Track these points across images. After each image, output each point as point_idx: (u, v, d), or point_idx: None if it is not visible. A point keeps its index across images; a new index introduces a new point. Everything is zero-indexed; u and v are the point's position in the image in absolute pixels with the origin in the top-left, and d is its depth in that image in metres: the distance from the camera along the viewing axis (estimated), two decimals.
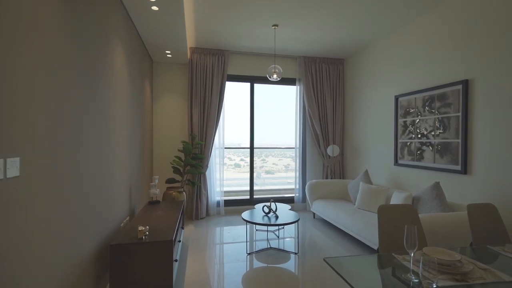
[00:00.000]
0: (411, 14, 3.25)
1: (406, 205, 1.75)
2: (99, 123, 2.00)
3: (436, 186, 2.73)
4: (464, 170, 2.75)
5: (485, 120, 2.59)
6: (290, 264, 2.78)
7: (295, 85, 4.99)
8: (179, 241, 2.69)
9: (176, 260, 2.28)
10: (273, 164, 6.27)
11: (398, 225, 1.68)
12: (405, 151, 3.54)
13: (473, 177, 2.69)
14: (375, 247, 2.81)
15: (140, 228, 2.03)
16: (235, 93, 4.98)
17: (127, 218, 2.79)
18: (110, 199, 2.26)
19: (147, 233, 2.10)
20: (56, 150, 1.39)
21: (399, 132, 3.65)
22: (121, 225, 2.57)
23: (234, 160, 6.08)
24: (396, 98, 3.69)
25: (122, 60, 2.61)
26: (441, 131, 3.02)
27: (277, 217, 3.15)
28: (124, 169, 2.70)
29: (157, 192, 3.21)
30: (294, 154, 5.72)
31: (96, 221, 1.94)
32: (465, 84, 2.74)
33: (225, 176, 4.71)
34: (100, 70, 2.00)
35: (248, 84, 4.90)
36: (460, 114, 2.81)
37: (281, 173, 6.23)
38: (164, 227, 2.31)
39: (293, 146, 5.10)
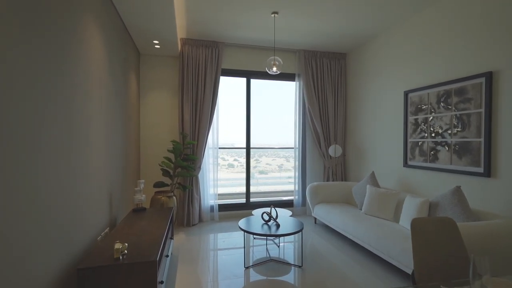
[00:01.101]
0: (422, 2, 2.95)
1: (444, 218, 1.43)
2: (71, 123, 1.63)
3: (457, 191, 2.43)
4: (488, 173, 2.46)
5: None
6: (293, 278, 2.45)
7: (294, 80, 4.66)
8: (167, 256, 2.33)
9: (162, 282, 1.93)
10: (267, 164, 5.96)
11: (437, 243, 1.36)
12: (416, 152, 3.24)
13: (498, 181, 2.41)
14: (391, 261, 2.49)
15: (117, 246, 1.66)
16: (230, 89, 4.63)
17: (107, 229, 2.42)
18: (82, 208, 1.88)
19: (126, 251, 1.73)
20: (5, 151, 1.02)
21: (409, 130, 3.36)
22: (98, 238, 2.19)
23: (228, 160, 5.75)
24: (406, 94, 3.39)
25: (99, 47, 2.23)
26: (459, 129, 2.73)
27: (278, 225, 2.82)
28: (102, 172, 2.32)
29: (142, 198, 2.83)
30: (288, 154, 5.42)
31: (61, 239, 1.57)
32: (489, 76, 2.45)
33: (218, 177, 4.35)
34: (61, 55, 1.63)
35: (244, 80, 4.56)
36: (482, 110, 2.52)
37: (275, 173, 5.94)
38: (148, 241, 1.95)
39: (292, 146, 4.77)
